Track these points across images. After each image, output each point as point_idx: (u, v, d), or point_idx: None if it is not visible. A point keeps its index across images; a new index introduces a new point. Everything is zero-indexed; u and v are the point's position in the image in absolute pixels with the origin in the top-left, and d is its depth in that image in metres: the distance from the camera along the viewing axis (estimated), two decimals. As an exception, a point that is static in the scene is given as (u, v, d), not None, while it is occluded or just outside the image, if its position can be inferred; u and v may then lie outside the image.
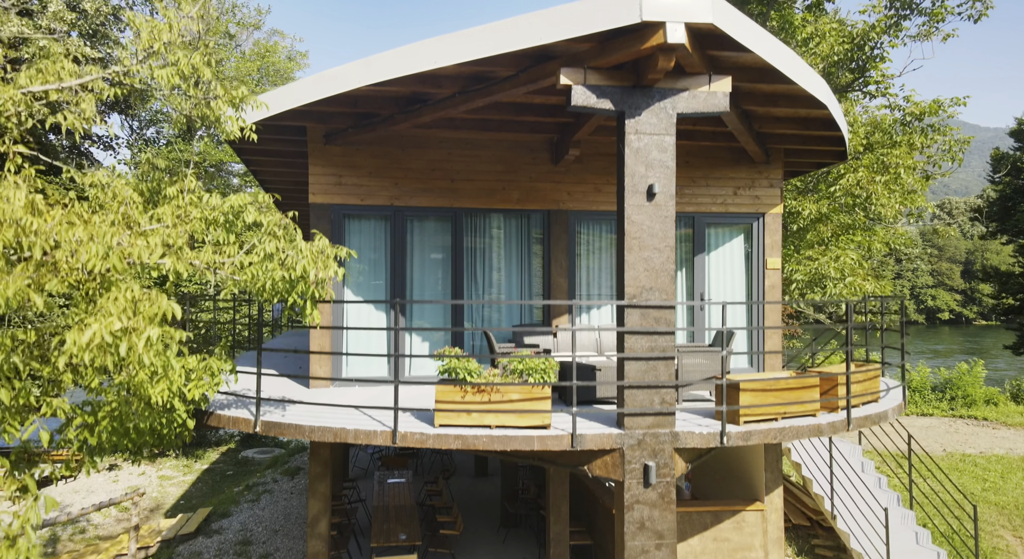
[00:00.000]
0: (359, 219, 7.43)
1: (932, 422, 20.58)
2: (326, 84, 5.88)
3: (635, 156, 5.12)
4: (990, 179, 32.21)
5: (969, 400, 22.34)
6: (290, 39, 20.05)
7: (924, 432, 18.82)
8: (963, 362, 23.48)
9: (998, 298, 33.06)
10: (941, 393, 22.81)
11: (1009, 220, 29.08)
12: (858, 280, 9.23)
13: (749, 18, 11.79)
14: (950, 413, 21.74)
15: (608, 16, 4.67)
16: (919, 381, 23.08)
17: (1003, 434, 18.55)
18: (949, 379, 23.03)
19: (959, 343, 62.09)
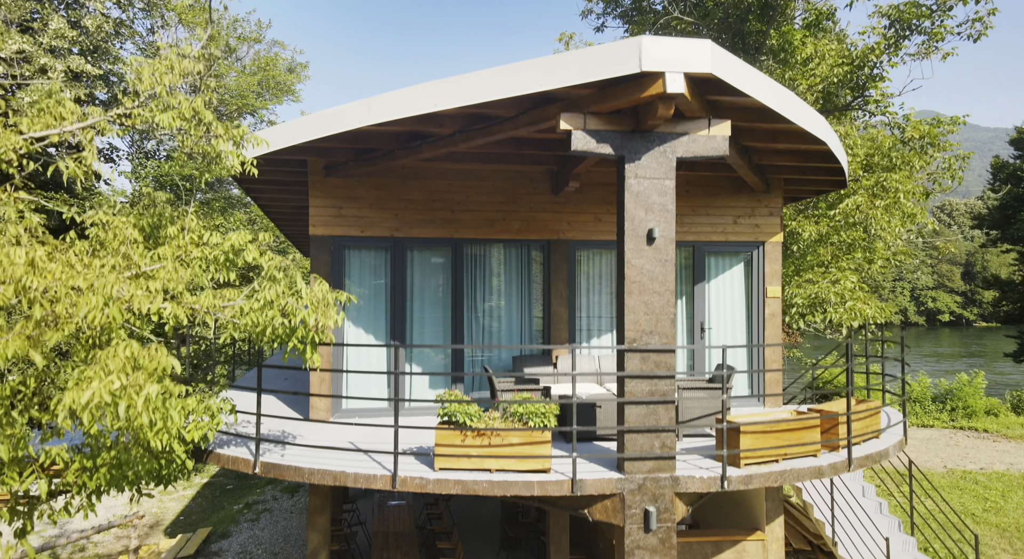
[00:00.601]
0: (359, 249, 7.44)
1: (933, 434, 20.57)
2: (327, 123, 5.90)
3: (635, 200, 5.13)
4: (990, 187, 32.23)
5: (970, 411, 22.34)
6: (290, 51, 20.12)
7: (925, 445, 18.81)
8: (963, 373, 23.47)
9: (998, 305, 33.05)
10: (942, 404, 22.80)
11: (1009, 229, 29.10)
12: (858, 304, 9.23)
13: (749, 56, 11.73)
14: (951, 424, 21.73)
15: (608, 66, 4.68)
16: (919, 391, 23.07)
17: (1004, 447, 18.53)
18: (950, 390, 23.02)
19: (959, 346, 62.06)
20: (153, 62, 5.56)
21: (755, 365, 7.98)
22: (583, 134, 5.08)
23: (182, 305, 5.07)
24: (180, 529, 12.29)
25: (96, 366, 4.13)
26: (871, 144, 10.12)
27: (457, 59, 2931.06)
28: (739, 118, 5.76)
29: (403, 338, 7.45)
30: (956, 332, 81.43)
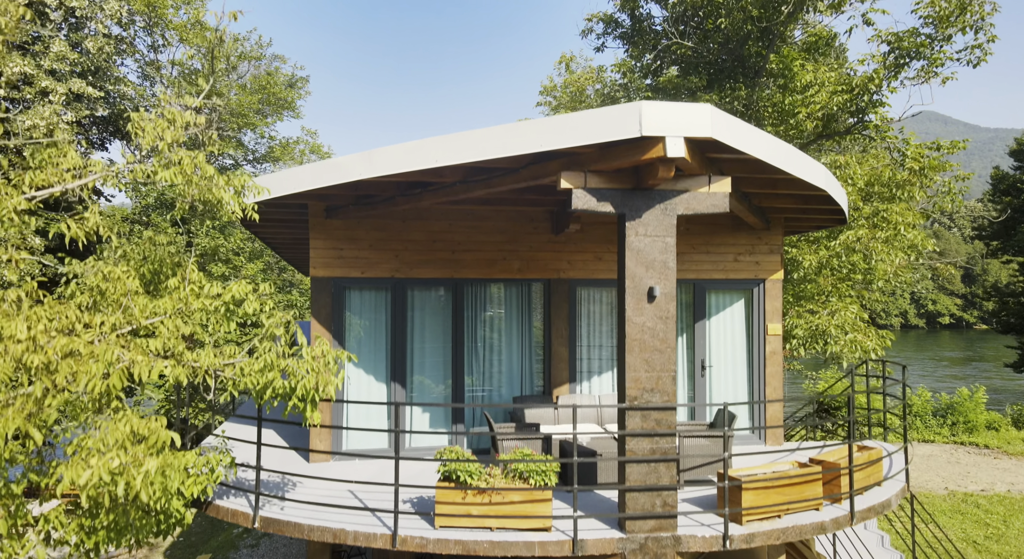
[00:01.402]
0: (360, 290, 7.44)
1: (933, 450, 20.53)
2: (328, 173, 5.90)
3: (635, 258, 5.13)
4: (991, 199, 32.25)
5: (970, 426, 22.30)
6: (290, 66, 20.14)
7: (926, 462, 18.77)
8: (964, 388, 23.46)
9: (999, 315, 33.06)
10: (942, 419, 22.77)
11: (1011, 240, 29.10)
12: (859, 336, 9.23)
13: (748, 78, 11.67)
14: (951, 439, 21.69)
15: (608, 129, 4.68)
16: (920, 405, 23.04)
17: (1005, 465, 18.50)
18: (951, 404, 22.99)
19: (960, 349, 61.99)
20: (155, 119, 5.57)
21: (756, 405, 7.96)
22: (584, 193, 5.09)
23: (183, 364, 5.07)
24: (179, 553, 12.26)
25: (95, 436, 4.12)
26: (871, 173, 10.14)
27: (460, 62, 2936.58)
28: (739, 170, 5.77)
29: (403, 379, 7.44)
30: (956, 335, 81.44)
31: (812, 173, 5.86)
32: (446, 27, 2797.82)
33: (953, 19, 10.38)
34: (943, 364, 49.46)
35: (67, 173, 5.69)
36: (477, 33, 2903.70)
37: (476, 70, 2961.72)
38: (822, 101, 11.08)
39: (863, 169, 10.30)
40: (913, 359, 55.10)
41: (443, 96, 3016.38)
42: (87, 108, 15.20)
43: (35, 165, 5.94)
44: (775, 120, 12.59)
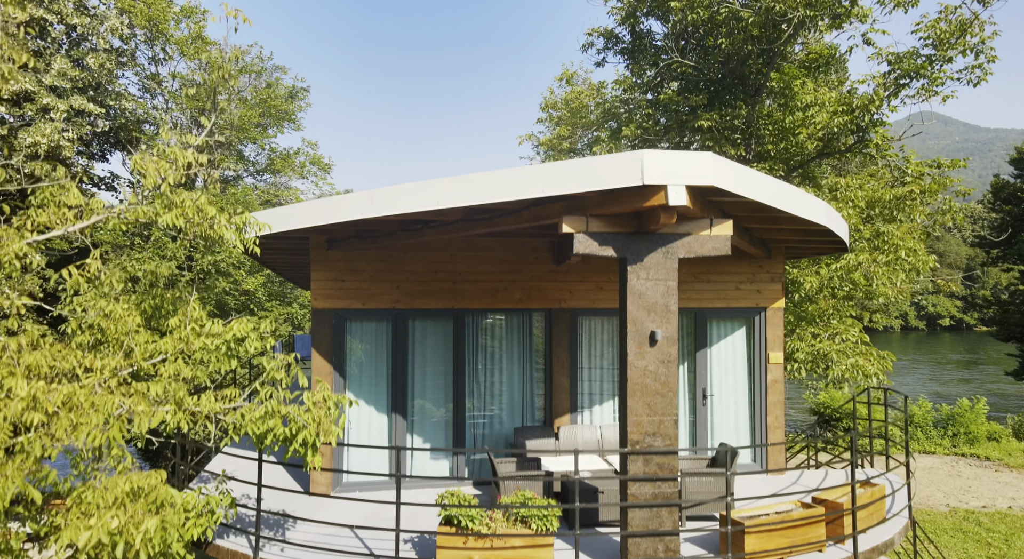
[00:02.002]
0: (361, 321, 7.43)
1: (934, 462, 20.49)
2: (329, 211, 5.90)
3: (637, 301, 5.12)
4: (991, 208, 32.27)
5: (971, 437, 22.27)
6: (291, 78, 20.16)
7: (927, 475, 18.74)
8: (965, 399, 23.44)
9: (1000, 324, 33.07)
10: (943, 430, 22.74)
11: (1011, 249, 29.10)
12: (860, 360, 9.21)
13: (749, 97, 11.59)
14: (952, 450, 21.65)
15: (610, 177, 4.68)
16: (920, 416, 23.02)
17: (1006, 478, 18.46)
18: (951, 415, 22.97)
19: (961, 352, 61.96)
20: (157, 160, 5.57)
21: (758, 434, 7.95)
22: (585, 237, 5.08)
23: (184, 409, 5.06)
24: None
25: (94, 492, 4.10)
26: (871, 195, 10.13)
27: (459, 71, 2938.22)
28: (741, 210, 5.76)
29: (404, 409, 7.43)
30: (957, 337, 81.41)
31: (814, 212, 5.85)
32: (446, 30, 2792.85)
33: (954, 41, 10.39)
34: (949, 368, 49.41)
35: (69, 211, 5.69)
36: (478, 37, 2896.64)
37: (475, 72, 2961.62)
38: (822, 122, 11.08)
39: (864, 191, 10.29)
40: (919, 362, 55.01)
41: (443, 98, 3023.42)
42: (88, 123, 15.21)
43: (36, 203, 5.94)
44: (776, 138, 12.59)
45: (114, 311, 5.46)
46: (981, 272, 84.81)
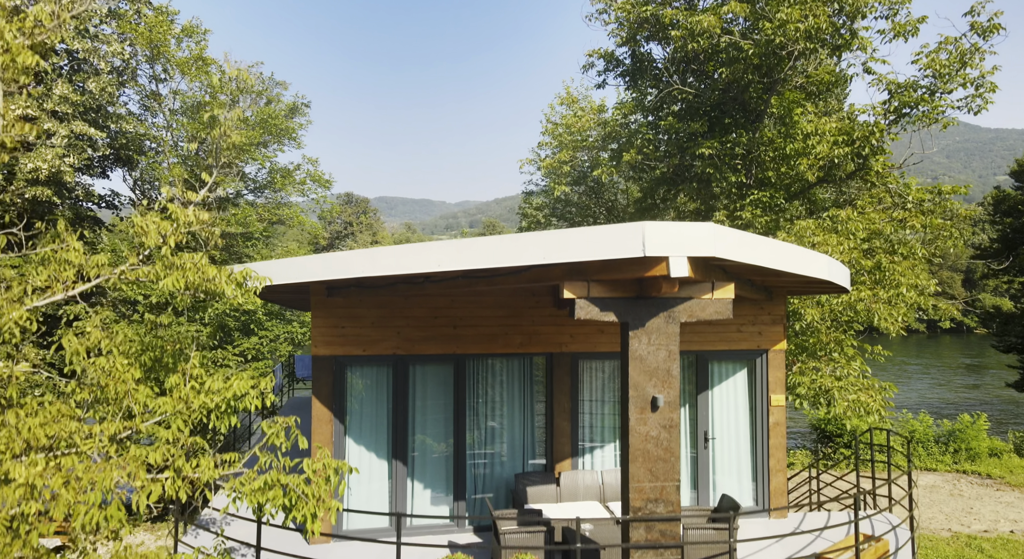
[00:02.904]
0: (362, 367, 7.42)
1: (936, 480, 20.45)
2: (331, 267, 5.90)
3: (639, 367, 5.11)
4: (991, 220, 32.27)
5: (973, 453, 22.25)
6: (291, 95, 20.17)
7: (928, 495, 18.69)
8: (966, 414, 23.43)
9: (1000, 336, 33.07)
10: (944, 446, 22.72)
11: (1012, 261, 29.09)
12: (862, 397, 9.19)
13: (750, 123, 11.51)
14: (954, 467, 21.61)
15: (611, 247, 4.67)
16: (921, 432, 23.00)
17: (1007, 498, 18.41)
18: (952, 431, 22.96)
19: (964, 355, 61.91)
20: (159, 220, 5.56)
21: (760, 478, 7.93)
22: (587, 302, 5.07)
23: (183, 477, 5.04)
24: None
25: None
26: (872, 228, 10.13)
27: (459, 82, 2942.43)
28: (743, 271, 5.76)
29: (404, 455, 7.41)
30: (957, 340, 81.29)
31: (815, 269, 5.85)
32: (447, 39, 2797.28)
33: (954, 73, 10.40)
34: (958, 373, 49.31)
35: (70, 267, 5.68)
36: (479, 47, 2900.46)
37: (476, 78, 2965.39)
38: (823, 152, 11.09)
39: (864, 222, 10.28)
40: (929, 367, 54.94)
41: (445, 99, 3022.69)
42: (89, 145, 15.22)
43: (37, 259, 5.93)
44: (776, 163, 12.59)
45: (115, 371, 5.45)
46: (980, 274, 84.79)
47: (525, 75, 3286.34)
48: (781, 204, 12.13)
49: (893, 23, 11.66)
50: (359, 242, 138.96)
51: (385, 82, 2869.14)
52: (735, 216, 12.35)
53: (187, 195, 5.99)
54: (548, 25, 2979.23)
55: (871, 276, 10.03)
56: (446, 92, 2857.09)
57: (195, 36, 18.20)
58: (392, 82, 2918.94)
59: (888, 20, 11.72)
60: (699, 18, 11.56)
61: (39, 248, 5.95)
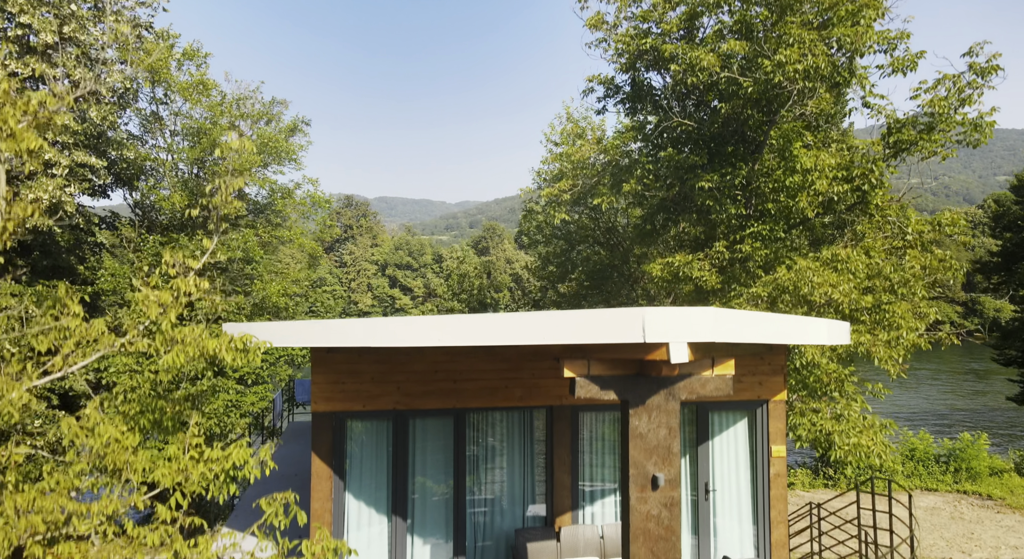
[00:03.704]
0: (361, 421, 7.41)
1: (936, 501, 20.40)
2: (329, 336, 5.89)
3: (639, 444, 5.10)
4: (991, 233, 32.30)
5: (973, 473, 22.22)
6: (292, 116, 20.19)
7: (929, 518, 18.65)
8: (966, 433, 23.41)
9: (1000, 349, 33.07)
10: (945, 465, 22.70)
11: (1012, 276, 29.11)
12: (862, 440, 9.18)
13: (749, 154, 11.51)
14: (954, 487, 21.58)
15: (612, 331, 4.67)
16: (922, 451, 22.98)
17: (1008, 521, 18.36)
18: (952, 450, 22.93)
19: (966, 360, 61.75)
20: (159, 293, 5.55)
21: (761, 530, 7.91)
22: (586, 380, 5.07)
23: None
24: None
25: None
26: (871, 269, 10.13)
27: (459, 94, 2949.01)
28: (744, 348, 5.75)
29: (404, 511, 7.39)
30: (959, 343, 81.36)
31: (817, 336, 5.84)
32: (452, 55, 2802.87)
33: (953, 112, 10.41)
34: (967, 379, 49.15)
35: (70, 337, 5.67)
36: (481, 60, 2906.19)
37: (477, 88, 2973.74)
38: (822, 189, 11.10)
39: (864, 260, 10.28)
40: (938, 372, 54.90)
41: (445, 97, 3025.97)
42: (90, 172, 15.22)
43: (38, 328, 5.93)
44: (776, 194, 12.60)
45: (113, 446, 5.44)
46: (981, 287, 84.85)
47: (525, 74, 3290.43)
48: (781, 236, 12.12)
49: (892, 58, 11.69)
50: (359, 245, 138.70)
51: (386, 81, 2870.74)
52: (735, 248, 12.34)
53: (188, 262, 5.99)
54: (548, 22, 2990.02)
55: (871, 316, 10.03)
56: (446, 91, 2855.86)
57: (195, 60, 18.24)
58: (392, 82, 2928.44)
59: (887, 54, 11.75)
60: (698, 53, 11.58)
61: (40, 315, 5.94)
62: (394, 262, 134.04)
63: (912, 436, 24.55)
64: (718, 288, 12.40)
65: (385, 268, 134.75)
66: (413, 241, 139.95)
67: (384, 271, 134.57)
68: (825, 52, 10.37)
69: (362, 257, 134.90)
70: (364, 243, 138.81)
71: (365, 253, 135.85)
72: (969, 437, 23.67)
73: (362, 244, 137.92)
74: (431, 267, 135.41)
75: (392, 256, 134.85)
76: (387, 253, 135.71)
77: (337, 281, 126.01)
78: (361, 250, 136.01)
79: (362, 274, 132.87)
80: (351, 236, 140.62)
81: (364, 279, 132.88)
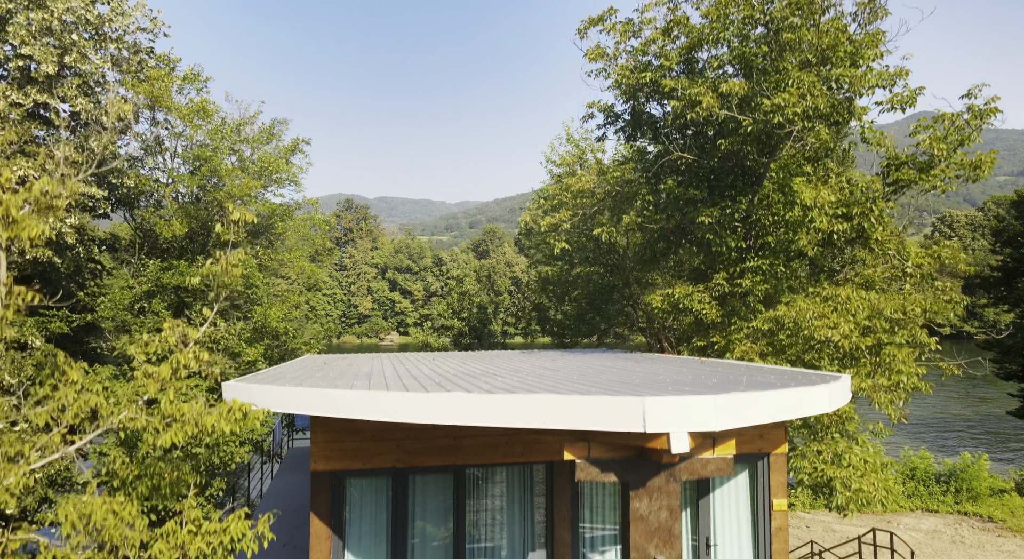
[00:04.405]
0: (361, 478, 7.40)
1: (937, 523, 20.38)
2: (328, 405, 5.88)
3: (640, 527, 5.09)
4: (992, 249, 32.30)
5: (974, 494, 22.20)
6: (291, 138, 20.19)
7: (930, 542, 18.63)
8: (967, 452, 23.40)
9: (1000, 363, 33.07)
10: (945, 485, 22.67)
11: (1012, 293, 29.11)
12: (864, 485, 9.17)
13: (749, 186, 11.49)
14: (955, 508, 21.56)
15: (612, 420, 4.66)
16: (922, 471, 22.96)
17: (1009, 546, 18.36)
18: (953, 470, 22.91)
19: (972, 365, 61.59)
20: (159, 370, 5.55)
21: (760, 585, 7.89)
22: (586, 463, 5.06)
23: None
24: None
25: None
26: (871, 309, 10.14)
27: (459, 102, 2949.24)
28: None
29: (405, 568, 7.38)
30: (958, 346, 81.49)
31: (818, 406, 5.83)
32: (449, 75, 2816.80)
33: (951, 154, 10.43)
34: (974, 384, 49.02)
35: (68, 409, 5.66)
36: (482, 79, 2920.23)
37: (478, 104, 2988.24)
38: (822, 227, 11.11)
39: (864, 303, 10.29)
40: (942, 378, 54.83)
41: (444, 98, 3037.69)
42: (91, 202, 15.23)
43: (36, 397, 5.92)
44: (776, 227, 12.61)
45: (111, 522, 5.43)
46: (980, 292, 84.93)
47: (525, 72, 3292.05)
48: (781, 271, 12.12)
49: (891, 94, 11.70)
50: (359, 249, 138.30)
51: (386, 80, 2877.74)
52: (735, 283, 12.34)
53: (188, 332, 5.98)
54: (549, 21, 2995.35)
55: (871, 357, 10.02)
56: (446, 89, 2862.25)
57: (196, 83, 18.25)
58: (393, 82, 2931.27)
59: (887, 90, 11.76)
60: (698, 90, 11.60)
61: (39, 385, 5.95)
62: (394, 265, 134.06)
63: (913, 454, 24.51)
64: (718, 321, 12.40)
65: (385, 271, 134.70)
66: (413, 244, 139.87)
67: (384, 274, 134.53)
68: (824, 93, 10.39)
69: (362, 260, 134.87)
70: (364, 246, 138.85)
71: (365, 256, 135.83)
72: (969, 456, 23.65)
73: (362, 247, 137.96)
74: (431, 270, 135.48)
75: (392, 259, 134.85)
76: (387, 256, 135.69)
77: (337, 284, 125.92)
78: (361, 253, 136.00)
79: (362, 277, 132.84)
80: (351, 239, 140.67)
81: (364, 283, 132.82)
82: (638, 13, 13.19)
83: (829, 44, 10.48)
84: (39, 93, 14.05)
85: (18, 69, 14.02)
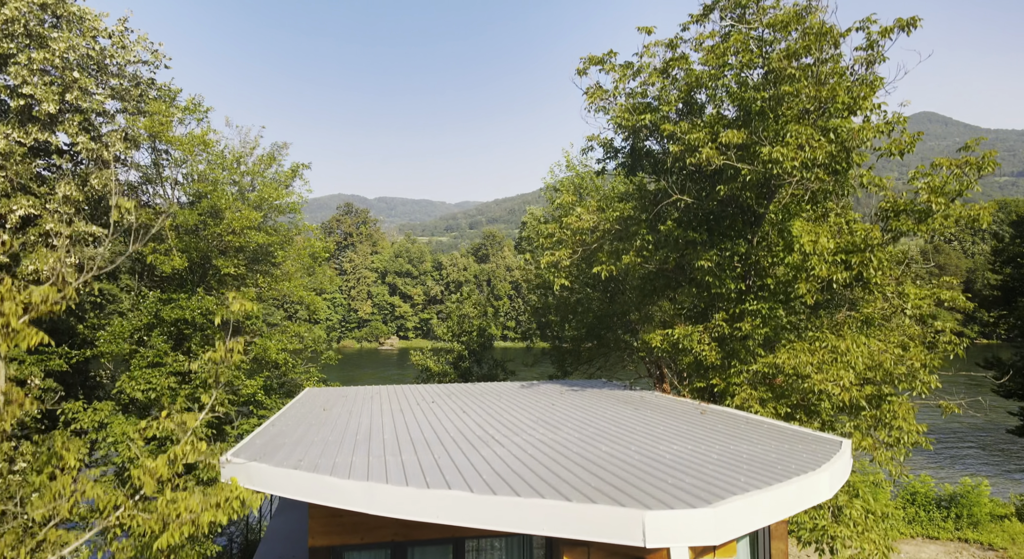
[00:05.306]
0: (359, 553, 7.39)
1: (937, 551, 20.36)
2: (328, 494, 5.89)
3: (639, 631, 5.10)
4: (991, 268, 32.36)
5: (974, 519, 22.19)
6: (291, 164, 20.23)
7: (931, 571, 18.61)
8: (967, 477, 23.39)
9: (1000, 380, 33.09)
10: (946, 510, 22.65)
11: (1012, 313, 29.14)
12: (865, 544, 9.15)
13: (749, 228, 11.44)
14: (956, 534, 21.53)
15: (611, 531, 4.67)
16: (923, 496, 22.93)
17: (1010, 575, 18.35)
18: (953, 495, 22.89)
19: (962, 369, 61.49)
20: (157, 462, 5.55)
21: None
22: (586, 568, 5.06)
23: None
24: None
25: None
26: (871, 360, 10.15)
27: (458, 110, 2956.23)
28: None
29: (404, 641, 7.38)
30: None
31: (819, 495, 5.84)
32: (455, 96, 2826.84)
33: (948, 206, 10.45)
34: (980, 390, 48.90)
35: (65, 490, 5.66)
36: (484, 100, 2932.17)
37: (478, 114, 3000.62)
38: (822, 275, 11.11)
39: (863, 353, 10.29)
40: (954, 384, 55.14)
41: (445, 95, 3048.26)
42: (91, 240, 15.24)
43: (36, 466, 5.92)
44: (775, 267, 12.62)
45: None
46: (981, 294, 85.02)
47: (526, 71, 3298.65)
48: (780, 315, 12.12)
49: (890, 140, 11.73)
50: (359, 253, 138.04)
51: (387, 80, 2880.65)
52: (735, 326, 12.34)
53: (186, 420, 5.99)
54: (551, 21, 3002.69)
55: (871, 411, 10.01)
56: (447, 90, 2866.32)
57: (196, 114, 18.28)
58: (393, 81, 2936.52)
59: (887, 136, 11.79)
60: (697, 135, 11.62)
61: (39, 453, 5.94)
62: (394, 269, 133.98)
63: (914, 479, 24.49)
64: (718, 364, 12.39)
65: (385, 276, 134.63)
66: (413, 248, 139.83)
67: (384, 278, 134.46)
68: (824, 145, 10.41)
69: (362, 264, 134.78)
70: (364, 250, 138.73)
71: (365, 260, 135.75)
72: (970, 481, 23.63)
73: (362, 251, 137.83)
74: (431, 274, 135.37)
75: (392, 263, 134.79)
76: (387, 260, 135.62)
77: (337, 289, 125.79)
78: (361, 257, 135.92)
79: (362, 282, 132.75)
80: (351, 243, 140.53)
81: (364, 287, 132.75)
82: (638, 57, 13.23)
83: (827, 96, 10.51)
84: (40, 132, 14.07)
85: (19, 108, 14.04)
